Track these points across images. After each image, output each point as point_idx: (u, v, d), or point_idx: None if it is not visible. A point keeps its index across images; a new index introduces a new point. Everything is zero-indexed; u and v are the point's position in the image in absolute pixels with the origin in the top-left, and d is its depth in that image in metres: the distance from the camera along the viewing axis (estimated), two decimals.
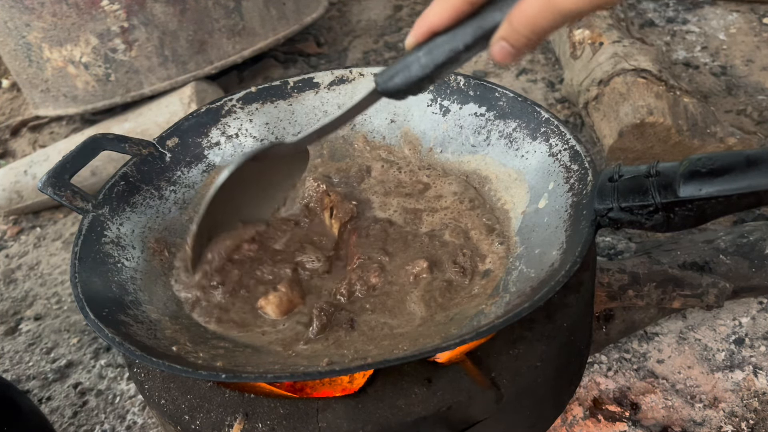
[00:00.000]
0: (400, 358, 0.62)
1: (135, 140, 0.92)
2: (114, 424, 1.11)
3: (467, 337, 0.63)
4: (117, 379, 1.19)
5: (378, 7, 2.23)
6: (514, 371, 0.71)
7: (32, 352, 1.28)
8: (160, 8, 1.55)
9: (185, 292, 0.82)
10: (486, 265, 0.82)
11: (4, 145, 1.93)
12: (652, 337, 1.08)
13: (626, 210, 0.68)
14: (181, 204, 0.93)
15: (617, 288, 1.01)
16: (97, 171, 1.54)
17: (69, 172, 0.84)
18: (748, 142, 1.26)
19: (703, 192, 0.63)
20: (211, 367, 0.67)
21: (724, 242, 1.08)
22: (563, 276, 0.66)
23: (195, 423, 0.70)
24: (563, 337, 0.75)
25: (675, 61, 1.73)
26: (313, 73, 1.03)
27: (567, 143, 0.83)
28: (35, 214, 1.66)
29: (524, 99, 0.90)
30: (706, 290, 1.02)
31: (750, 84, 1.62)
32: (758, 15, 1.87)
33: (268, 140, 1.01)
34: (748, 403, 0.98)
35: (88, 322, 0.70)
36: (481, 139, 0.94)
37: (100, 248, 0.81)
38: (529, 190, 0.86)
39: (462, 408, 0.68)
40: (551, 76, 1.76)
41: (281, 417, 0.69)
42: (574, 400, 1.00)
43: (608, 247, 1.25)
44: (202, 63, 1.64)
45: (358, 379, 0.70)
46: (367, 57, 1.99)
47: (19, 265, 1.52)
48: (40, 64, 1.64)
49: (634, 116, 1.25)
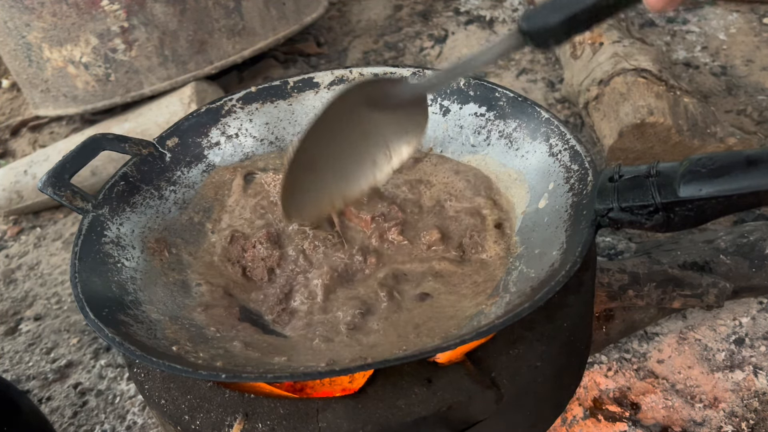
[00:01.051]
0: (400, 358, 0.62)
1: (135, 140, 0.92)
2: (114, 424, 1.11)
3: (467, 337, 0.63)
4: (117, 379, 1.19)
5: (378, 7, 2.23)
6: (514, 371, 0.71)
7: (32, 352, 1.28)
8: (160, 8, 1.55)
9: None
10: (483, 255, 0.83)
11: (4, 145, 1.93)
12: (652, 337, 1.08)
13: (626, 210, 0.68)
14: (181, 204, 0.93)
15: (617, 288, 1.01)
16: (97, 171, 1.54)
17: (69, 172, 0.84)
18: (748, 142, 1.26)
19: (703, 192, 0.63)
20: (211, 367, 0.67)
21: (724, 242, 1.08)
22: (563, 276, 0.66)
23: (195, 423, 0.70)
24: (563, 337, 0.75)
25: (675, 61, 1.73)
26: (313, 73, 1.03)
27: (567, 143, 0.83)
28: (35, 214, 1.66)
29: (524, 99, 0.90)
30: (706, 290, 1.02)
31: (750, 84, 1.62)
32: (758, 15, 1.87)
33: (267, 140, 1.01)
34: (748, 403, 0.98)
35: (88, 322, 0.70)
36: (481, 139, 0.94)
37: (100, 248, 0.81)
38: (529, 190, 0.86)
39: (462, 408, 0.68)
40: (551, 76, 1.76)
41: (281, 417, 0.69)
42: (574, 400, 1.00)
43: (608, 247, 1.25)
44: (202, 63, 1.64)
45: (358, 379, 0.70)
46: (367, 57, 1.99)
47: (19, 265, 1.52)
48: (40, 64, 1.64)
49: (635, 116, 1.25)
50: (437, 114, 0.97)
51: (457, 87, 0.96)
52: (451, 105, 0.96)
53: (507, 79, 1.78)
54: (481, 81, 0.95)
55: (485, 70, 1.82)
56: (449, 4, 2.18)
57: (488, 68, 1.83)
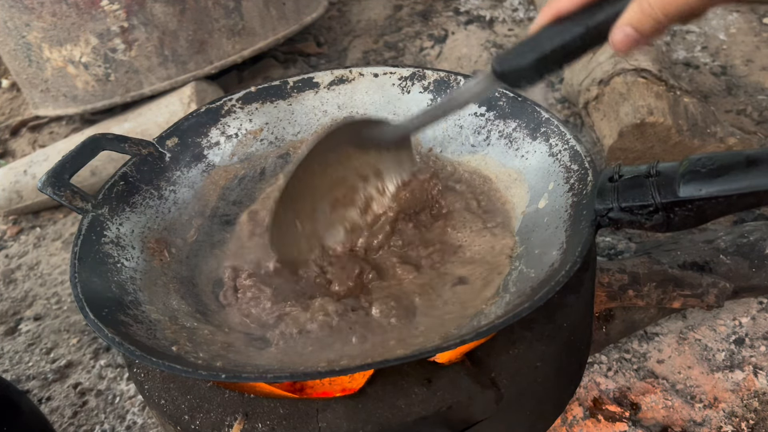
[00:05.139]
0: (400, 358, 0.62)
1: (135, 140, 0.92)
2: (114, 424, 1.11)
3: (467, 337, 0.63)
4: (117, 379, 1.19)
5: (378, 7, 2.23)
6: (514, 371, 0.71)
7: (32, 352, 1.28)
8: (160, 8, 1.55)
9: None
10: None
11: (4, 145, 1.93)
12: (652, 337, 1.08)
13: (626, 210, 0.68)
14: (180, 204, 0.93)
15: (617, 288, 1.01)
16: (96, 171, 1.54)
17: (69, 172, 0.84)
18: (748, 142, 1.26)
19: (703, 192, 0.63)
20: (211, 367, 0.67)
21: (724, 242, 1.08)
22: (563, 276, 0.66)
23: (195, 423, 0.70)
24: (563, 337, 0.75)
25: (675, 61, 1.73)
26: (313, 73, 1.03)
27: (567, 143, 0.83)
28: (35, 214, 1.66)
29: (524, 99, 0.90)
30: (706, 290, 1.02)
31: (750, 84, 1.62)
32: (758, 15, 1.87)
33: (267, 140, 1.01)
34: (748, 403, 0.98)
35: (88, 322, 0.70)
36: (481, 139, 0.94)
37: (100, 248, 0.81)
38: (529, 190, 0.86)
39: (462, 408, 0.68)
40: (551, 75, 1.76)
41: (281, 417, 0.69)
42: (574, 400, 1.00)
43: (608, 247, 1.25)
44: (201, 63, 1.64)
45: (358, 379, 0.70)
46: (367, 57, 1.99)
47: (18, 265, 1.52)
48: (39, 64, 1.64)
49: (635, 116, 1.25)
50: None
51: (457, 87, 0.96)
52: None
53: None
54: None
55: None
56: (449, 4, 2.18)
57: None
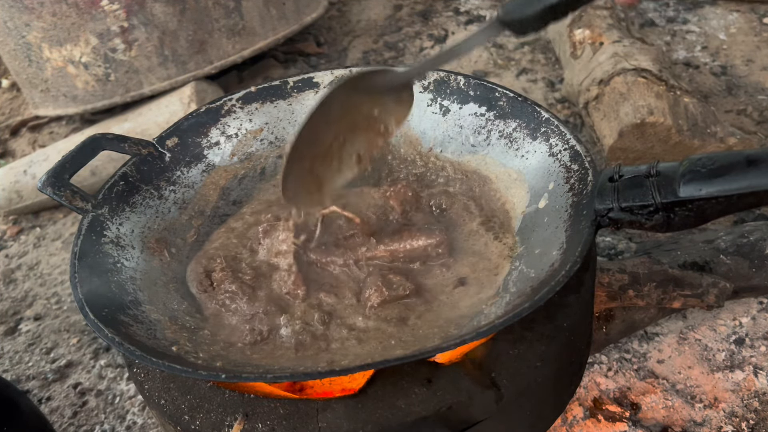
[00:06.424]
0: (400, 358, 0.62)
1: (135, 140, 0.92)
2: (114, 424, 1.11)
3: (467, 337, 0.63)
4: (117, 379, 1.19)
5: (378, 7, 2.23)
6: (514, 371, 0.71)
7: (32, 352, 1.28)
8: (159, 8, 1.55)
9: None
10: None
11: (4, 145, 1.93)
12: (652, 337, 1.08)
13: (626, 210, 0.68)
14: (180, 204, 0.93)
15: (617, 288, 1.01)
16: (96, 171, 1.54)
17: (68, 171, 0.84)
18: (748, 142, 1.26)
19: (703, 192, 0.63)
20: (211, 367, 0.67)
21: (724, 242, 1.08)
22: (563, 276, 0.66)
23: (195, 423, 0.70)
24: (563, 337, 0.75)
25: (675, 61, 1.73)
26: (313, 72, 1.03)
27: (567, 143, 0.83)
28: (35, 214, 1.66)
29: (524, 99, 0.90)
30: (706, 290, 1.02)
31: (750, 84, 1.62)
32: (758, 15, 1.87)
33: (267, 140, 1.01)
34: (748, 403, 0.98)
35: (88, 322, 0.70)
36: (481, 139, 0.94)
37: (100, 248, 0.81)
38: (529, 190, 0.85)
39: (462, 408, 0.68)
40: (551, 76, 1.76)
41: (281, 417, 0.69)
42: (574, 400, 1.00)
43: (608, 247, 1.25)
44: (201, 63, 1.64)
45: (358, 379, 0.70)
46: (367, 57, 1.99)
47: (18, 265, 1.52)
48: (39, 64, 1.64)
49: (635, 116, 1.25)
50: (437, 114, 0.97)
51: (457, 87, 0.96)
52: (451, 105, 0.96)
53: (507, 79, 1.78)
54: (481, 81, 0.95)
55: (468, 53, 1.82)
56: (449, 4, 2.18)
57: (488, 68, 1.83)
